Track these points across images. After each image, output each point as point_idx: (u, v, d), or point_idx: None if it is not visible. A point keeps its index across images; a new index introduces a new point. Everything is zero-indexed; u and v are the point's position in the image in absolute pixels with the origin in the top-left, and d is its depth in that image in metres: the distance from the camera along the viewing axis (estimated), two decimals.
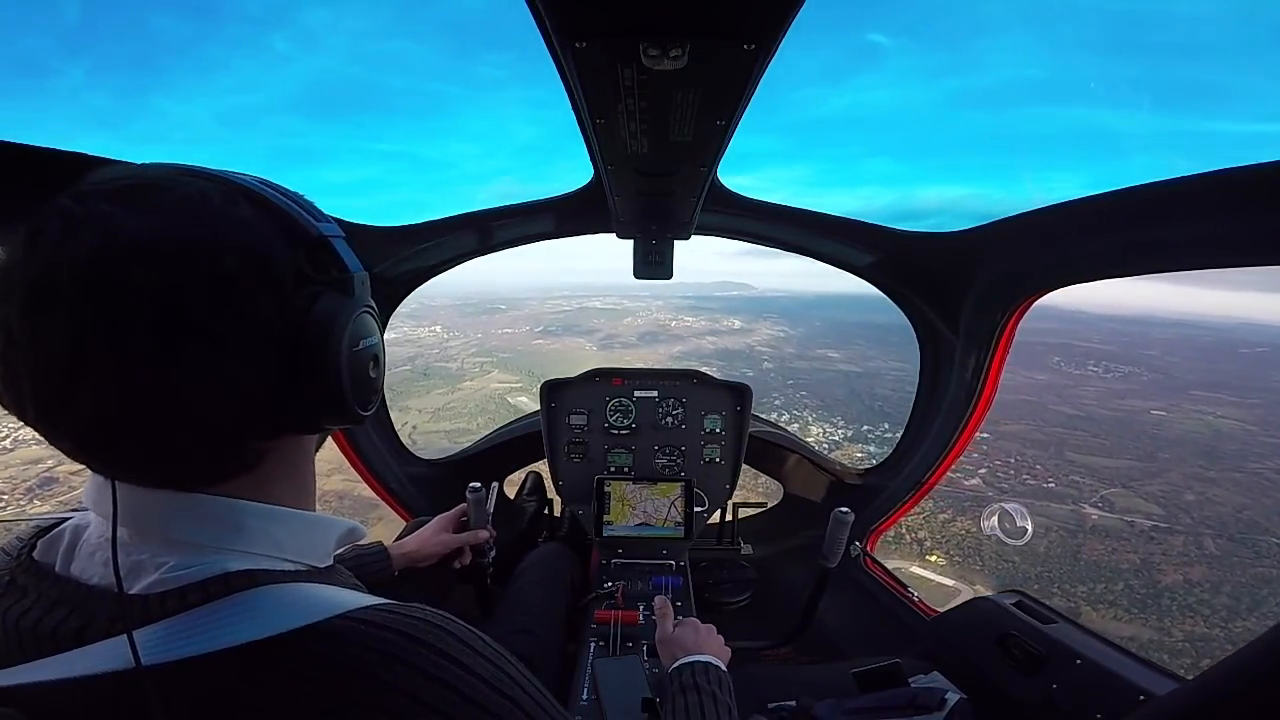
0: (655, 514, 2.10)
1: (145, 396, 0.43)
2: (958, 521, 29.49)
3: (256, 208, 0.50)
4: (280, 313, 0.49)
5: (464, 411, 62.95)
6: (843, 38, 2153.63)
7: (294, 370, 0.50)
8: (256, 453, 0.53)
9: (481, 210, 1.94)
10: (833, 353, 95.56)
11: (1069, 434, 48.43)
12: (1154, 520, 33.60)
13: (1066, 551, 29.54)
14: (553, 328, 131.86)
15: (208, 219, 0.46)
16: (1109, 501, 35.32)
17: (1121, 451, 46.06)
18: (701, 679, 1.07)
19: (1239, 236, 1.07)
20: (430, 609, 0.54)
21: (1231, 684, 0.75)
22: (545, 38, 0.80)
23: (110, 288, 0.41)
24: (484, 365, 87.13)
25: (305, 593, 0.51)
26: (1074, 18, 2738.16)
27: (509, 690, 0.52)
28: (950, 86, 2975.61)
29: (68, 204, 0.43)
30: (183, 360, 0.43)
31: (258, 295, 0.47)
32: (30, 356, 0.42)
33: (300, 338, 0.50)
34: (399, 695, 0.46)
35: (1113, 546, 30.63)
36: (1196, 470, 42.21)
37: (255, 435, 0.52)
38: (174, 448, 0.47)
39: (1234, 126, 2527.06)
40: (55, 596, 0.50)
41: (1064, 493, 36.45)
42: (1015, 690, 1.31)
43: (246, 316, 0.46)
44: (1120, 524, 33.00)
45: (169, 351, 0.43)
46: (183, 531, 0.51)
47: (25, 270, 0.42)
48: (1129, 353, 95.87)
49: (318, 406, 0.54)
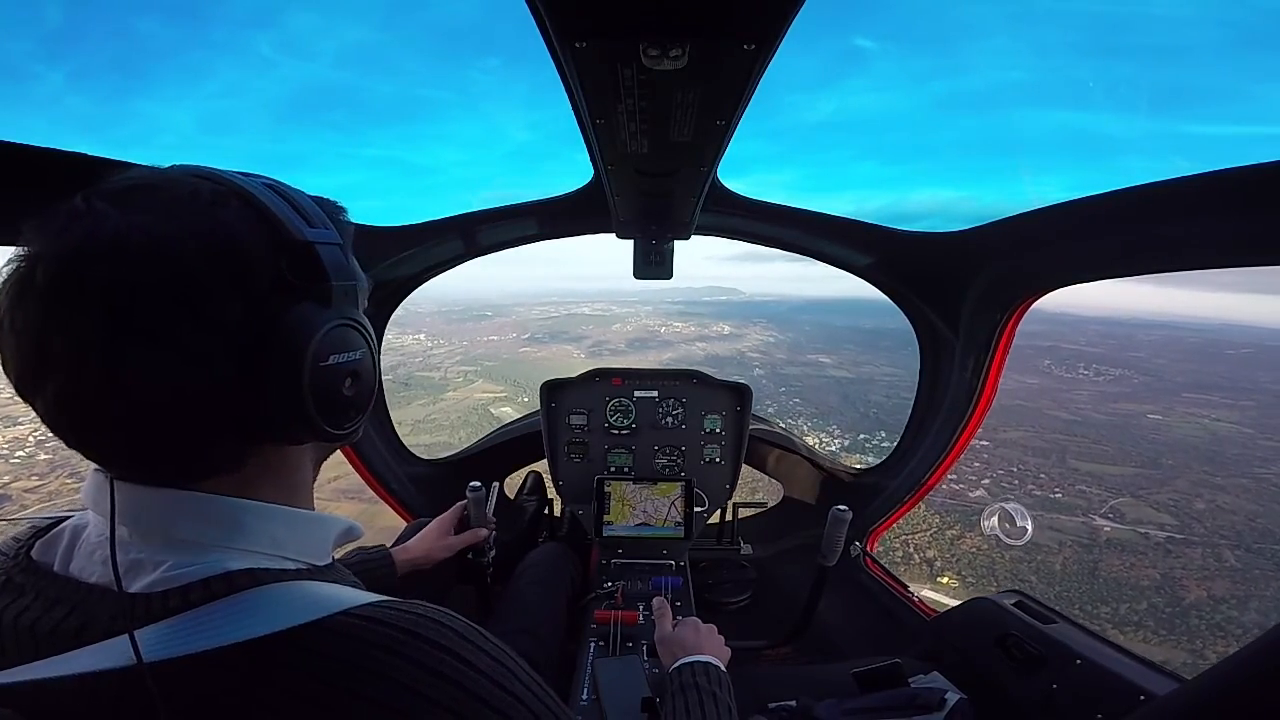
0: (655, 514, 2.10)
1: (97, 390, 0.44)
2: (966, 538, 28.07)
3: (245, 209, 0.49)
4: (245, 319, 0.48)
5: (445, 424, 60.94)
6: (828, 42, 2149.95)
7: (254, 380, 0.48)
8: (234, 456, 0.53)
9: (481, 210, 1.93)
10: (824, 358, 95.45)
11: (1069, 440, 47.53)
12: (1168, 531, 32.43)
13: (1084, 568, 28.17)
14: (540, 335, 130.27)
15: (185, 219, 0.46)
16: (1119, 512, 34.13)
17: (1125, 458, 45.15)
18: (702, 679, 1.06)
19: (1238, 236, 1.07)
20: (432, 605, 0.54)
21: (1231, 684, 0.74)
22: (545, 38, 0.80)
23: (74, 282, 0.43)
24: (468, 375, 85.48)
25: (307, 590, 0.52)
26: (1058, 20, 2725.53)
27: (512, 686, 0.52)
28: (937, 90, 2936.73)
29: (77, 202, 0.45)
30: (128, 358, 0.44)
31: (221, 299, 0.46)
32: (11, 339, 0.45)
33: (262, 347, 0.48)
34: (403, 691, 0.46)
35: (1130, 561, 29.32)
36: (1202, 476, 41.27)
37: (220, 439, 0.51)
38: (135, 442, 0.48)
39: (1218, 129, 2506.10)
40: (54, 596, 0.50)
41: (1072, 503, 35.27)
42: (1015, 690, 1.30)
43: (203, 319, 0.46)
44: (1134, 536, 31.78)
45: (115, 348, 0.43)
46: (183, 530, 0.51)
47: (18, 260, 0.44)
48: (1118, 355, 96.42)
49: (286, 420, 0.52)
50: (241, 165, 0.60)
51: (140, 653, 0.42)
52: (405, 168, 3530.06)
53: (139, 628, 0.44)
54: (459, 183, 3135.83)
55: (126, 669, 0.42)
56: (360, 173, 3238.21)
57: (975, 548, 27.74)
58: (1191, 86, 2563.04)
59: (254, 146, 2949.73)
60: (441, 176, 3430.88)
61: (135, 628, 0.44)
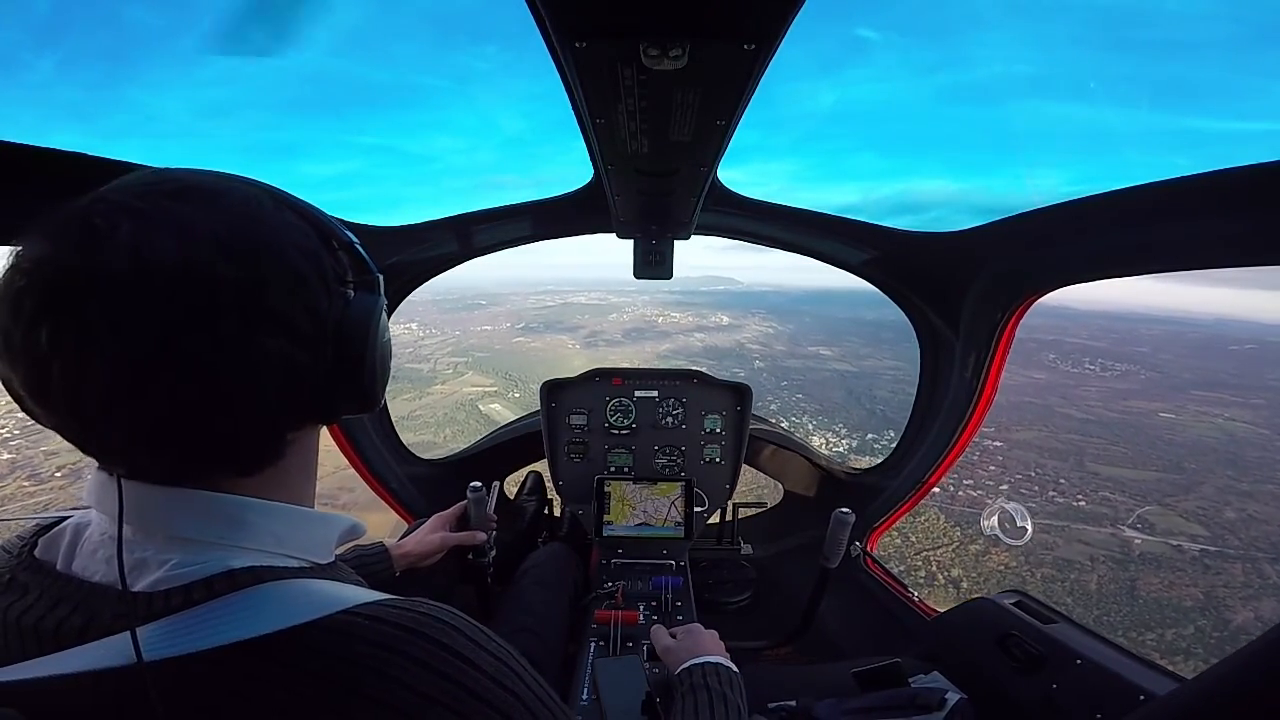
0: (655, 514, 2.10)
1: (217, 387, 0.45)
2: (992, 554, 25.88)
3: (297, 214, 0.54)
4: (330, 307, 0.53)
5: (431, 421, 58.17)
6: (832, 31, 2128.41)
7: (340, 360, 0.54)
8: (285, 443, 0.56)
9: (482, 210, 1.94)
10: (825, 350, 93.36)
11: (1085, 441, 45.64)
12: (1201, 544, 30.61)
13: (1121, 588, 26.25)
14: (534, 325, 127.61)
15: (270, 221, 0.50)
16: (1148, 522, 32.27)
17: (1145, 461, 43.31)
18: (712, 679, 1.05)
19: (1240, 236, 1.07)
20: (435, 604, 0.54)
21: (1231, 684, 0.74)
22: (545, 37, 0.80)
23: (197, 282, 0.43)
24: (458, 366, 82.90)
25: (309, 588, 0.52)
26: (1062, 14, 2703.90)
27: (513, 685, 0.52)
28: (940, 82, 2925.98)
29: (131, 202, 0.44)
30: (267, 349, 0.47)
31: (318, 291, 0.52)
32: (111, 348, 0.41)
33: (342, 331, 0.54)
34: (403, 689, 0.46)
35: (1169, 579, 27.41)
36: (1227, 482, 39.52)
37: (293, 421, 0.55)
38: (225, 437, 0.49)
39: (1221, 124, 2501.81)
40: (57, 594, 0.50)
41: (1097, 512, 33.39)
42: (1015, 690, 1.30)
43: (313, 310, 0.51)
44: (1168, 550, 29.90)
45: (251, 341, 0.46)
46: (186, 528, 0.51)
47: (92, 265, 0.41)
48: (1121, 350, 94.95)
49: (346, 394, 0.57)
50: (236, 154, 0.51)
51: (140, 651, 0.42)
52: (401, 156, 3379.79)
53: (141, 625, 0.44)
54: (455, 170, 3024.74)
55: (126, 668, 0.42)
56: (355, 160, 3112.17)
57: (1003, 564, 25.75)
58: (1196, 82, 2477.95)
59: (248, 135, 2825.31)
60: (438, 165, 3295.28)
61: (137, 625, 0.44)
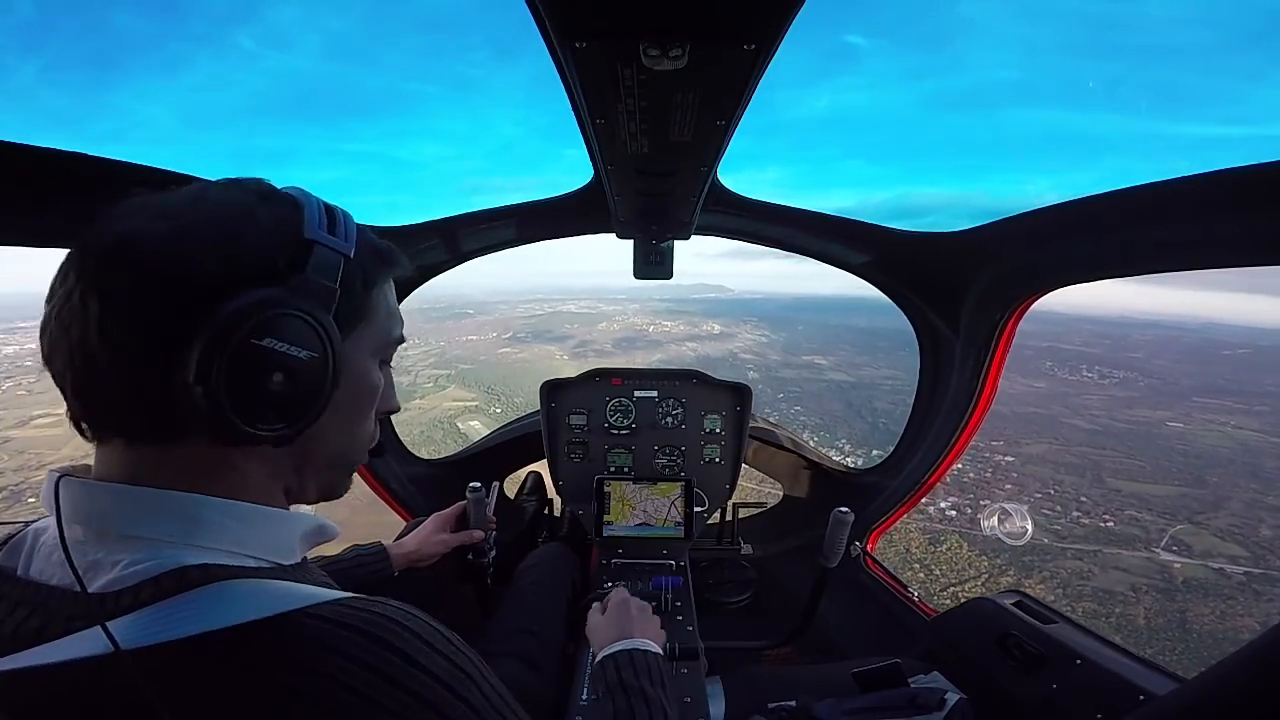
0: (655, 514, 2.10)
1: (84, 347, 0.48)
2: (1026, 584, 23.09)
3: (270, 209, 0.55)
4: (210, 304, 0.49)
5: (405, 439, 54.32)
6: (820, 39, 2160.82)
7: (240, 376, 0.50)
8: (167, 426, 0.52)
9: (482, 210, 1.93)
10: (820, 359, 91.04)
11: (1100, 455, 43.55)
12: (1243, 565, 28.26)
13: (1170, 620, 23.77)
14: (522, 334, 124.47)
15: (218, 204, 0.53)
16: (1183, 543, 29.98)
17: (1164, 475, 41.18)
18: (628, 673, 0.99)
19: (1238, 237, 1.07)
20: (396, 605, 0.53)
21: (1231, 684, 0.74)
22: (545, 38, 0.80)
23: (131, 258, 0.49)
24: (440, 379, 79.57)
25: (264, 587, 0.50)
26: (1051, 20, 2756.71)
27: (466, 693, 0.51)
28: (928, 88, 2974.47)
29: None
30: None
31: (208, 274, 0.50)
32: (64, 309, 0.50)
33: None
34: (342, 689, 0.45)
35: (1219, 608, 24.99)
36: (1254, 496, 37.50)
37: (156, 397, 0.50)
38: (99, 392, 0.51)
39: (1210, 130, 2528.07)
40: (17, 598, 0.50)
41: (1128, 533, 31.05)
42: (1015, 690, 1.31)
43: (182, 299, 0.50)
44: (1210, 574, 27.56)
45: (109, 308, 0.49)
46: (137, 527, 0.51)
47: (83, 243, 0.51)
48: (1116, 356, 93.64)
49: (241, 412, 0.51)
50: (223, 161, 0.46)
51: (99, 648, 0.43)
52: (391, 163, 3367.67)
53: (93, 625, 0.44)
54: (446, 178, 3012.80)
55: (85, 660, 0.43)
56: (345, 169, 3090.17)
57: (1034, 592, 22.95)
58: (1183, 87, 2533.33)
59: (235, 142, 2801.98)
60: (428, 171, 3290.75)
61: (91, 626, 0.44)
